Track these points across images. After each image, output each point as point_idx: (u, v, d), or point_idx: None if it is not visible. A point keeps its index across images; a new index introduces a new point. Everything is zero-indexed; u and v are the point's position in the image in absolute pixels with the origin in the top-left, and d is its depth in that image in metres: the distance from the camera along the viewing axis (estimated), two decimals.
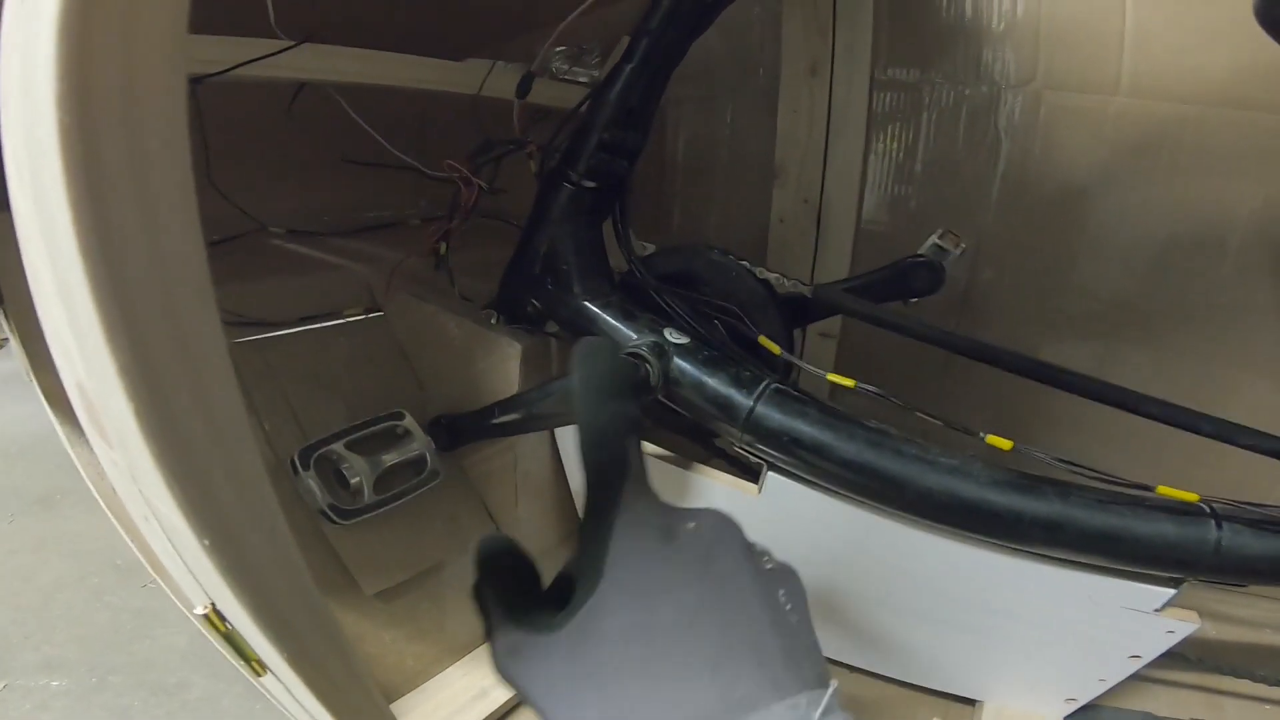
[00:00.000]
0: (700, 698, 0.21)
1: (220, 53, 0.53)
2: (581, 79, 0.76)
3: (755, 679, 0.21)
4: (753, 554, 0.24)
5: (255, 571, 0.25)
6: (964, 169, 0.79)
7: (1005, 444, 0.44)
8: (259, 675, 0.32)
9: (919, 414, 0.46)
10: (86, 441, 0.36)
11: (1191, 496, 0.42)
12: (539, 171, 0.60)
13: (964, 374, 0.80)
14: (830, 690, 0.21)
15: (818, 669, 0.23)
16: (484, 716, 0.52)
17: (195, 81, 0.55)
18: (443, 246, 0.62)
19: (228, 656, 0.32)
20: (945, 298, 0.78)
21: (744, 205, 0.89)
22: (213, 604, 0.28)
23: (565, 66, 0.79)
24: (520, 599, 0.23)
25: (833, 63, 0.81)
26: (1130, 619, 0.46)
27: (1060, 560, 0.46)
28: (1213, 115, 0.66)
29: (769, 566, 0.24)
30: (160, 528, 0.25)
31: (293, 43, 0.55)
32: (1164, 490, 0.43)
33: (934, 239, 0.60)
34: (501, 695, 0.53)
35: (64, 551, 1.16)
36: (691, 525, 0.24)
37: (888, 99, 0.82)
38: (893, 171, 0.82)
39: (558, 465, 0.62)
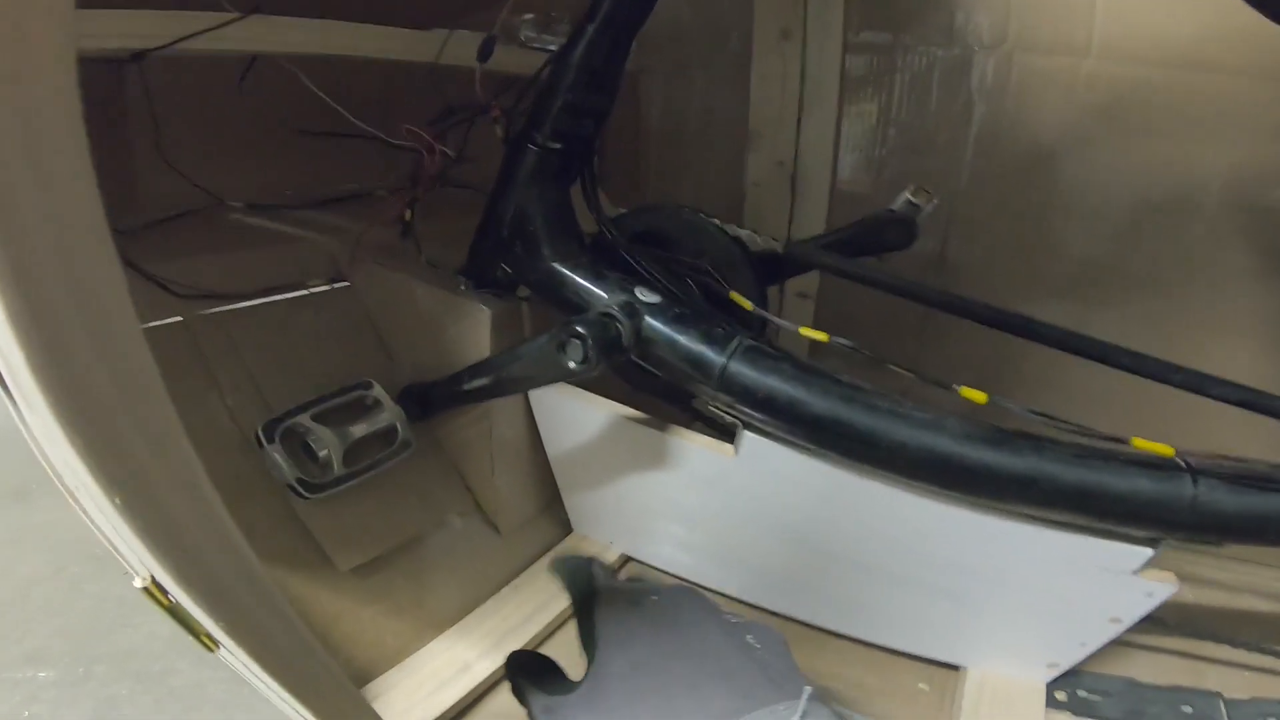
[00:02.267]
0: (685, 713, 0.27)
1: (162, 27, 0.51)
2: (550, 47, 0.75)
3: (730, 694, 0.27)
4: (716, 611, 0.32)
5: (177, 533, 0.24)
6: (937, 131, 0.78)
7: (980, 396, 0.44)
8: (212, 650, 0.31)
9: (892, 367, 0.46)
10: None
11: (1167, 450, 0.42)
12: (505, 136, 0.59)
13: (940, 333, 0.80)
14: (806, 695, 0.27)
15: (798, 689, 0.28)
16: (467, 691, 0.51)
17: (138, 56, 0.53)
18: (408, 214, 0.60)
19: (180, 632, 0.31)
20: (921, 259, 0.78)
21: (719, 171, 0.89)
22: (151, 576, 0.26)
23: (534, 34, 0.77)
24: (547, 677, 0.31)
25: (805, 26, 0.80)
26: (1108, 580, 0.46)
27: (1037, 519, 0.46)
28: (1183, 78, 0.66)
29: (734, 620, 0.32)
30: (82, 494, 0.23)
31: (239, 14, 0.53)
32: (1139, 443, 0.42)
33: (906, 194, 0.59)
34: (484, 669, 0.52)
35: (40, 544, 1.14)
36: (654, 597, 0.32)
37: (860, 62, 0.81)
38: (867, 134, 0.82)
39: (534, 432, 0.61)
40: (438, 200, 0.68)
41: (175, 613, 0.27)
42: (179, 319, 0.53)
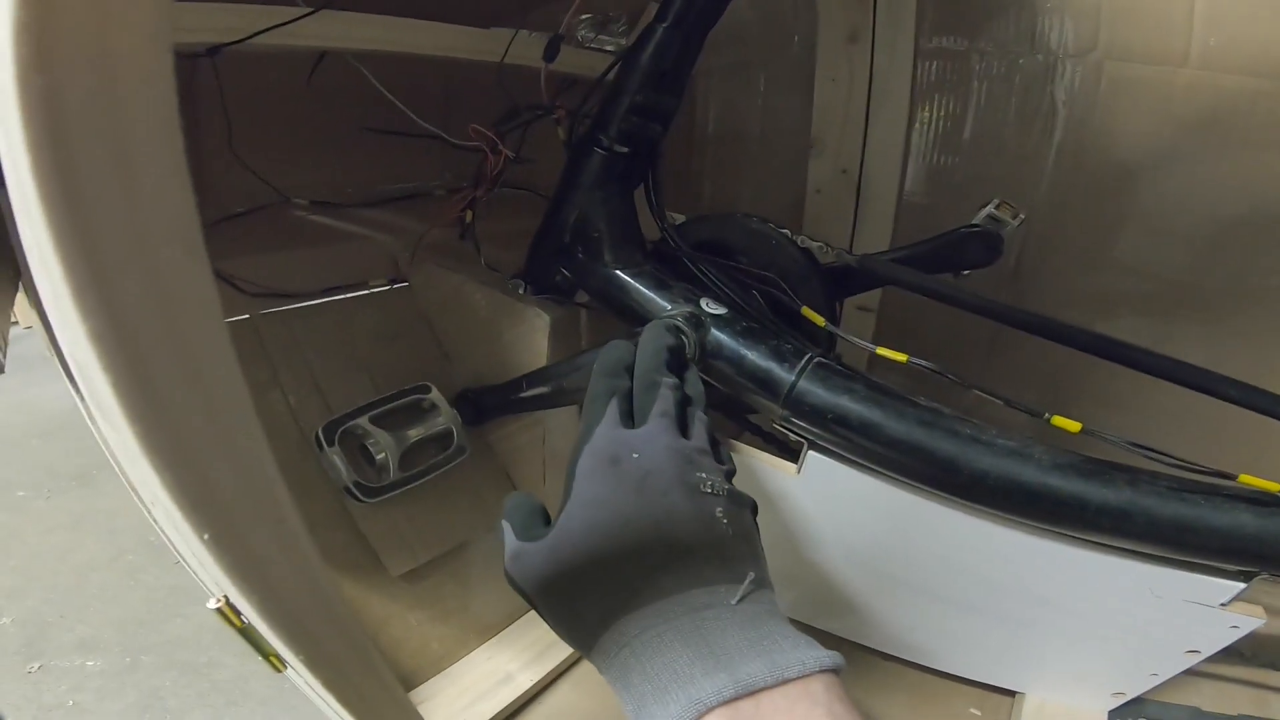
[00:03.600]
0: (630, 583, 0.26)
1: (236, 20, 0.51)
2: (608, 47, 0.74)
3: (677, 571, 0.26)
4: (690, 474, 0.29)
5: (262, 568, 0.23)
6: (1015, 141, 0.75)
7: (1073, 426, 0.41)
8: (280, 670, 0.30)
9: (977, 392, 0.43)
10: None
11: (1275, 486, 0.39)
12: (568, 139, 0.58)
13: (1011, 353, 0.77)
14: (748, 580, 0.27)
15: (753, 571, 0.28)
16: (509, 702, 0.50)
17: (213, 51, 0.53)
18: (468, 215, 0.60)
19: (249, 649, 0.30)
20: (993, 273, 0.74)
21: (778, 177, 0.86)
22: (225, 598, 0.26)
23: (591, 35, 0.76)
24: (523, 515, 0.30)
25: (874, 30, 0.77)
26: (1192, 612, 0.43)
27: (1121, 550, 0.43)
28: None
29: (706, 490, 0.29)
30: (160, 514, 0.23)
31: (311, 9, 0.53)
32: (1246, 479, 0.39)
33: (989, 209, 0.56)
34: (526, 681, 0.52)
35: (99, 529, 1.17)
36: (635, 455, 0.29)
37: (933, 68, 0.77)
38: (938, 142, 0.78)
39: None
40: (495, 201, 0.68)
41: (248, 634, 0.26)
42: (245, 317, 0.54)
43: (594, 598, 0.27)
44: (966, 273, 0.55)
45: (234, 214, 0.66)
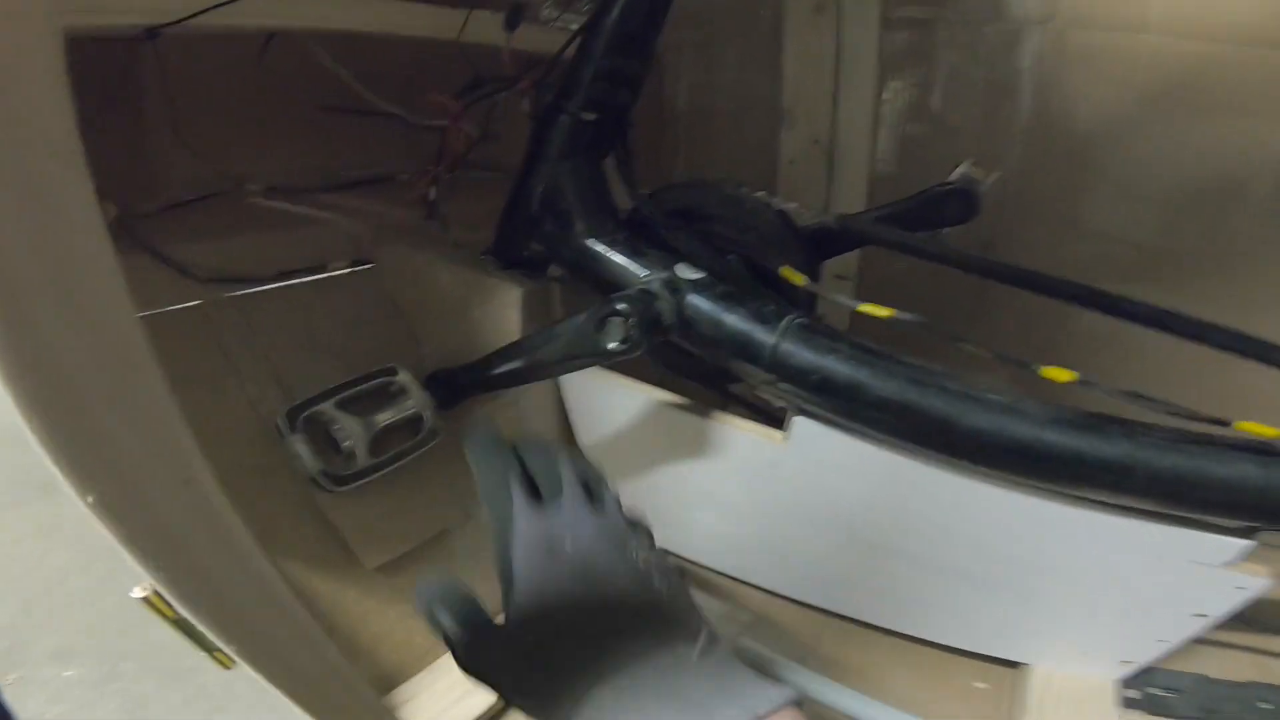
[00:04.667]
0: (596, 660, 0.28)
1: (172, 1, 0.48)
2: (573, 25, 0.72)
3: (637, 640, 0.29)
4: (626, 560, 0.31)
5: (172, 540, 0.20)
6: (983, 110, 0.74)
7: (1067, 375, 0.40)
8: (229, 667, 0.28)
9: (963, 346, 0.42)
10: None
11: (1275, 432, 0.38)
12: (534, 110, 0.56)
13: (996, 319, 0.76)
14: (703, 636, 0.29)
15: (699, 625, 0.31)
16: (495, 698, 0.48)
17: (151, 34, 0.50)
18: (432, 191, 0.58)
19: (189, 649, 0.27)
20: (966, 244, 0.74)
21: (751, 150, 0.85)
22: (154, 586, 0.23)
23: (555, 14, 0.74)
24: (465, 612, 0.30)
25: (840, 1, 0.77)
26: (1197, 574, 0.42)
27: (1121, 509, 0.42)
28: (1245, 55, 0.62)
29: (641, 567, 0.31)
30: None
31: None
32: (1243, 426, 0.38)
33: (963, 168, 0.55)
34: None
35: (68, 537, 1.12)
36: (568, 542, 0.31)
37: (900, 38, 0.77)
38: (908, 112, 0.78)
39: (565, 420, 0.58)
40: (464, 184, 0.65)
41: (183, 627, 0.23)
42: (196, 303, 0.51)
43: (565, 678, 0.28)
44: (945, 231, 0.54)
45: (185, 201, 0.62)
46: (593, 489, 0.34)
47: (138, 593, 0.23)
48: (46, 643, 0.94)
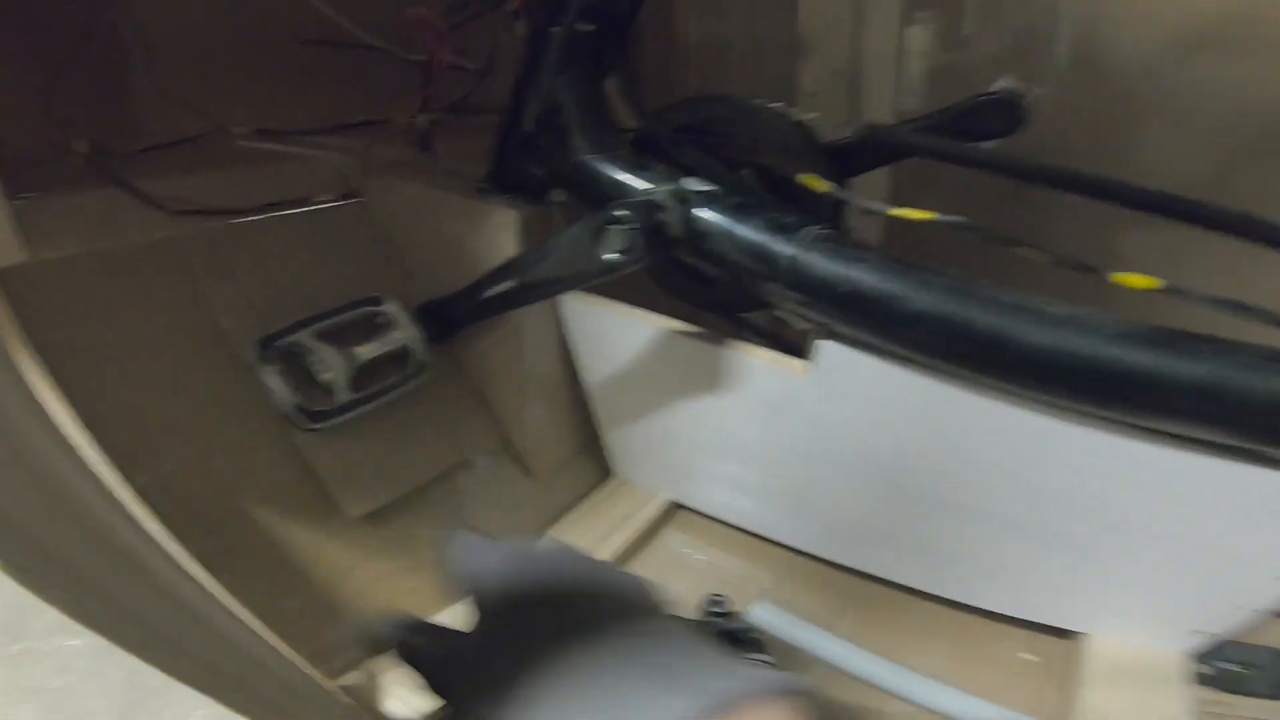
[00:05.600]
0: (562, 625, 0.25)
1: None
2: None
3: (604, 614, 0.26)
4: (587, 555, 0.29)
5: None
6: (1022, 36, 0.68)
7: (1149, 282, 0.34)
8: None
9: (1019, 251, 0.36)
10: None
11: None
12: (526, 30, 0.51)
13: (1044, 237, 0.70)
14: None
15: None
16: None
17: None
18: (421, 119, 0.53)
19: None
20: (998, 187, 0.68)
21: (765, 81, 0.80)
22: None
23: None
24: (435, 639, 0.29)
25: None
26: None
27: (1204, 445, 0.35)
28: None
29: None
30: None
31: None
32: None
33: (1004, 81, 0.50)
34: None
35: None
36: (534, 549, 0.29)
37: None
38: (937, 37, 0.72)
39: (569, 361, 0.54)
40: (458, 126, 0.61)
41: None
42: (166, 235, 0.47)
43: (525, 694, 0.24)
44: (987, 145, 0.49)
45: (168, 143, 0.59)
46: None
47: None
48: (50, 613, 0.93)
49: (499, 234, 0.47)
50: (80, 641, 0.90)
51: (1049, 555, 0.44)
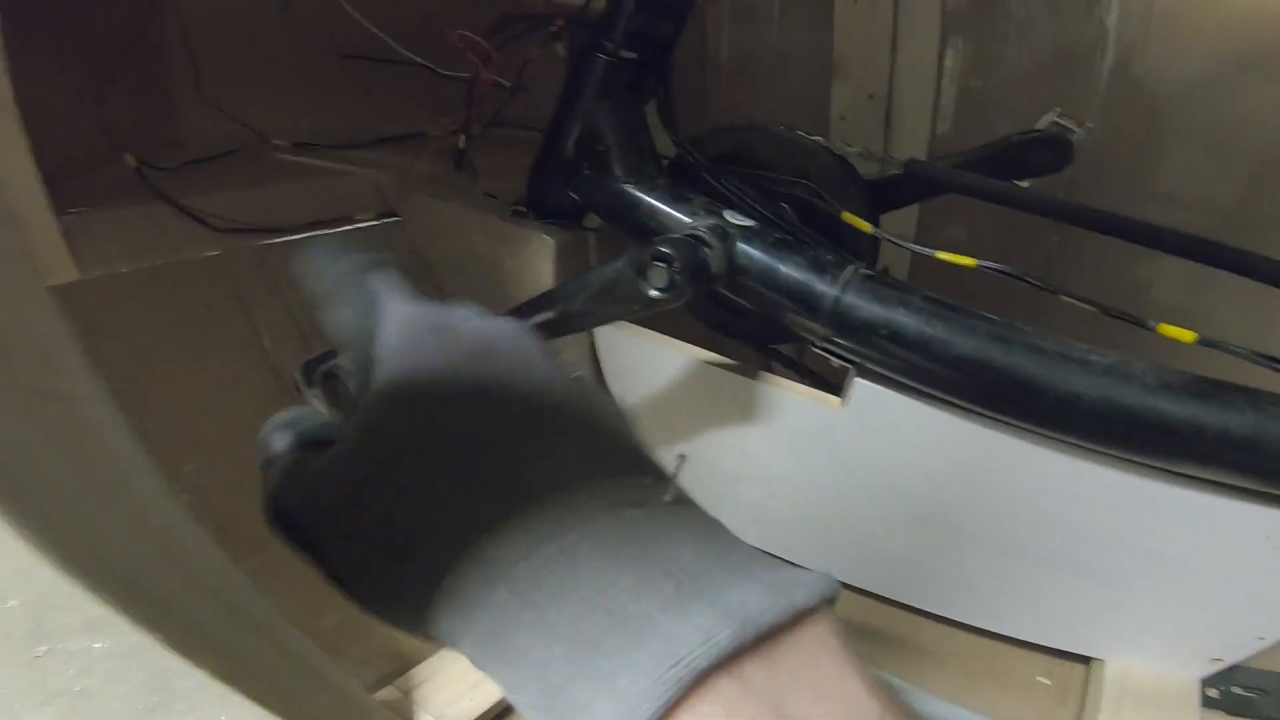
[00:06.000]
0: (496, 479, 0.16)
1: None
2: None
3: (569, 457, 0.17)
4: (545, 351, 0.20)
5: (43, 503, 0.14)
6: (1062, 64, 0.68)
7: (1186, 335, 0.34)
8: None
9: (1065, 298, 0.36)
10: None
11: None
12: (569, 52, 0.52)
13: (1074, 280, 0.70)
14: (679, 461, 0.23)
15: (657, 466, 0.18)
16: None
17: None
18: (461, 139, 0.54)
19: None
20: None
21: (798, 104, 0.79)
22: None
23: None
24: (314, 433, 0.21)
25: None
26: None
27: (1240, 490, 0.36)
28: None
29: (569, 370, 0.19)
30: None
31: None
32: None
33: (1052, 116, 0.49)
34: None
35: None
36: (468, 323, 0.20)
37: None
38: (974, 65, 0.71)
39: (600, 380, 0.54)
40: (495, 140, 0.62)
41: None
42: (215, 253, 0.48)
43: (438, 512, 0.15)
44: (1026, 184, 0.49)
45: (209, 156, 0.60)
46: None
47: None
48: (77, 614, 0.95)
49: (535, 259, 0.48)
50: (105, 644, 0.92)
51: (1071, 584, 0.44)
